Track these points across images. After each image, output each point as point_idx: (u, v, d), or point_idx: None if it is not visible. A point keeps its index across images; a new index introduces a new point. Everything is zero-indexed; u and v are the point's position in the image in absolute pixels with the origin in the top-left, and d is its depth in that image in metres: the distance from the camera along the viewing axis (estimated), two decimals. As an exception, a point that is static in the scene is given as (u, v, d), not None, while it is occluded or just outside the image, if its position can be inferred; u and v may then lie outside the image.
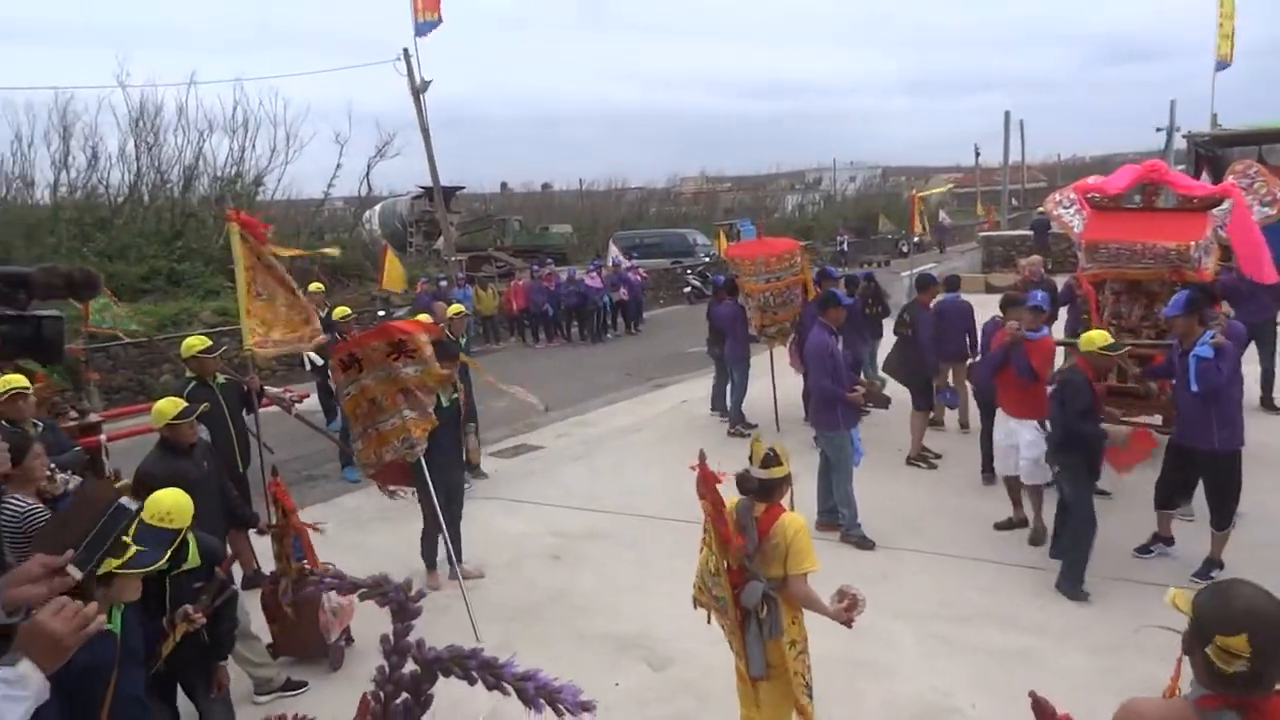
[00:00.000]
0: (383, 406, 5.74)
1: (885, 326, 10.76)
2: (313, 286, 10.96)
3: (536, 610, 6.08)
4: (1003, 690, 4.53)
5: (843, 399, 6.82)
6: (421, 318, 7.98)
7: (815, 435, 7.44)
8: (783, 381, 10.28)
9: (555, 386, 13.39)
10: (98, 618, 1.71)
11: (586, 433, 11.16)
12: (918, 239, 32.48)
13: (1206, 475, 5.91)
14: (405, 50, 21.67)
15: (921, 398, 8.87)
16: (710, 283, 17.85)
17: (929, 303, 9.15)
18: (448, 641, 1.38)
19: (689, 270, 28.38)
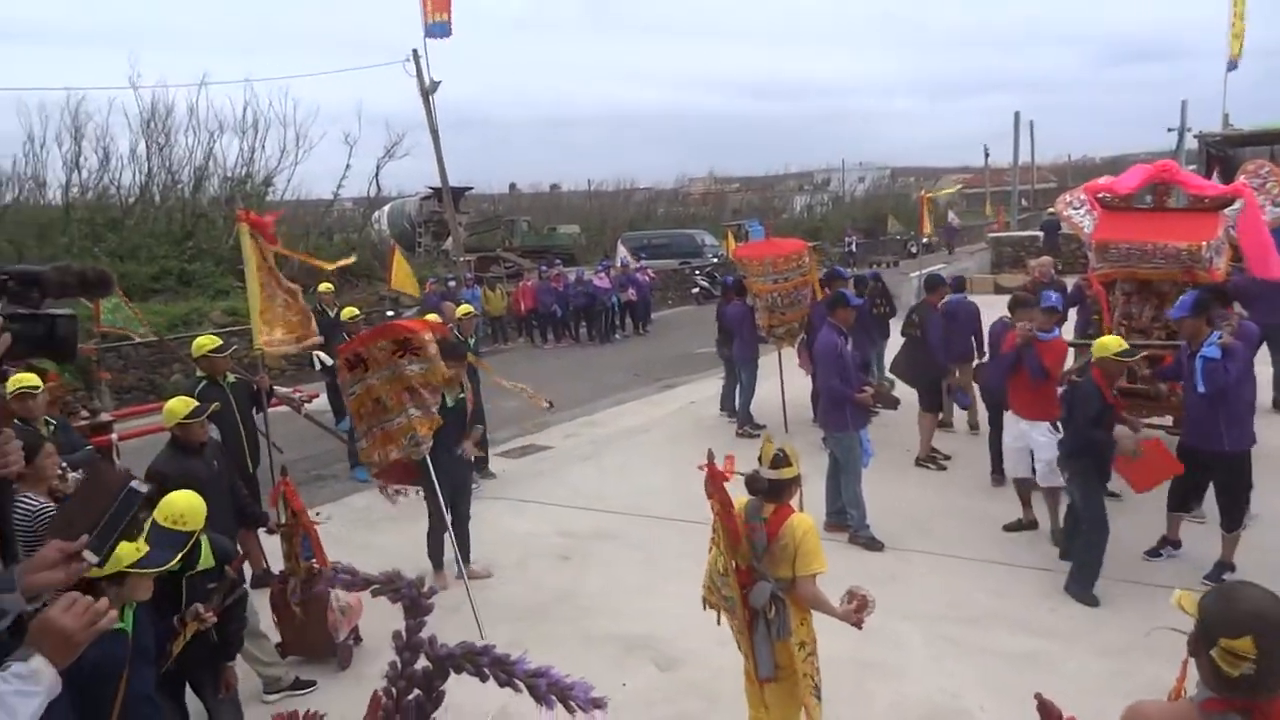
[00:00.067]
0: (388, 406, 5.74)
1: (892, 327, 10.74)
2: (322, 287, 10.98)
3: (544, 610, 6.09)
4: (1011, 692, 4.51)
5: (851, 400, 6.80)
6: (430, 318, 8.02)
7: (824, 436, 7.43)
8: (791, 382, 10.27)
9: (563, 387, 13.40)
10: (109, 614, 1.72)
11: (595, 433, 11.16)
12: (926, 240, 32.39)
13: (1216, 476, 5.88)
14: (415, 51, 21.81)
15: (929, 399, 8.83)
16: (719, 283, 17.87)
17: (937, 303, 9.12)
18: (455, 641, 1.38)
19: (697, 271, 28.38)
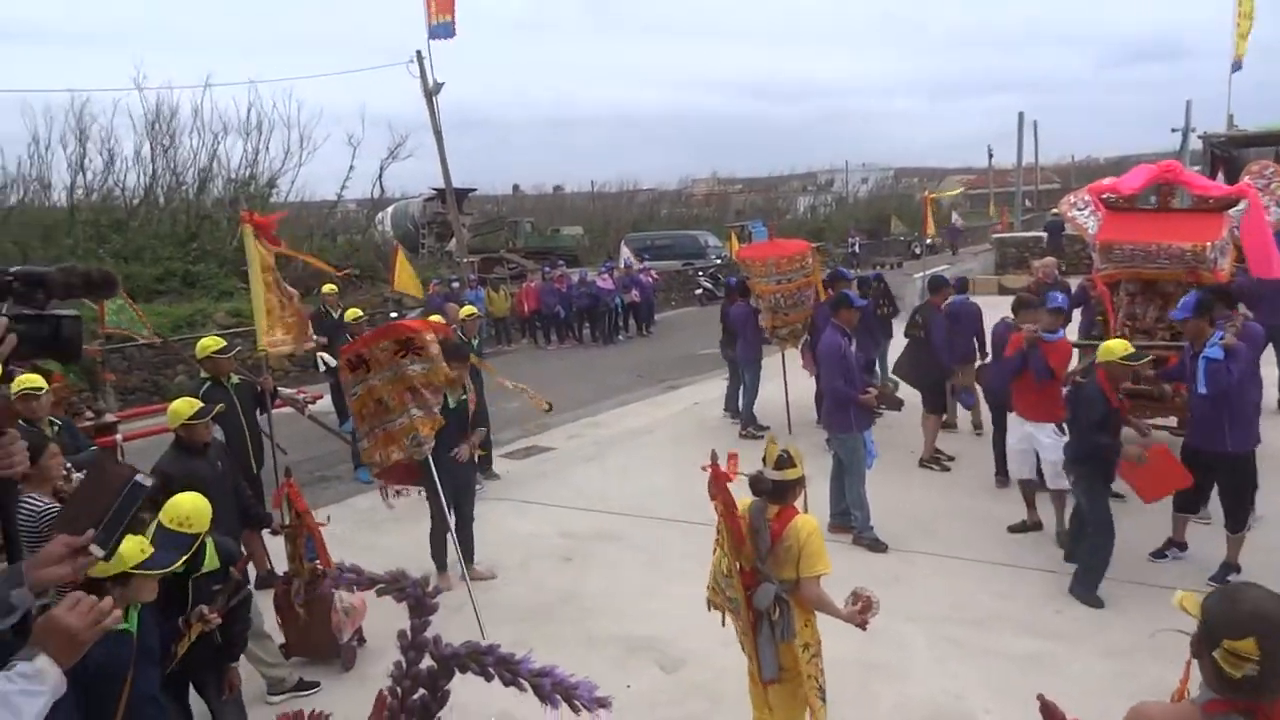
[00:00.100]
0: (390, 406, 5.74)
1: (895, 327, 10.73)
2: (326, 288, 11.02)
3: (547, 611, 6.09)
4: (1015, 694, 4.50)
5: (855, 401, 6.79)
6: (434, 319, 8.03)
7: (828, 437, 7.42)
8: (795, 383, 10.26)
9: (567, 388, 13.41)
10: (113, 613, 1.73)
11: (598, 434, 11.16)
12: (930, 241, 32.35)
13: (1220, 477, 5.86)
14: (418, 52, 21.84)
15: (933, 400, 8.82)
16: (722, 284, 17.86)
17: (941, 304, 9.11)
18: (458, 642, 1.37)
19: (700, 272, 28.38)
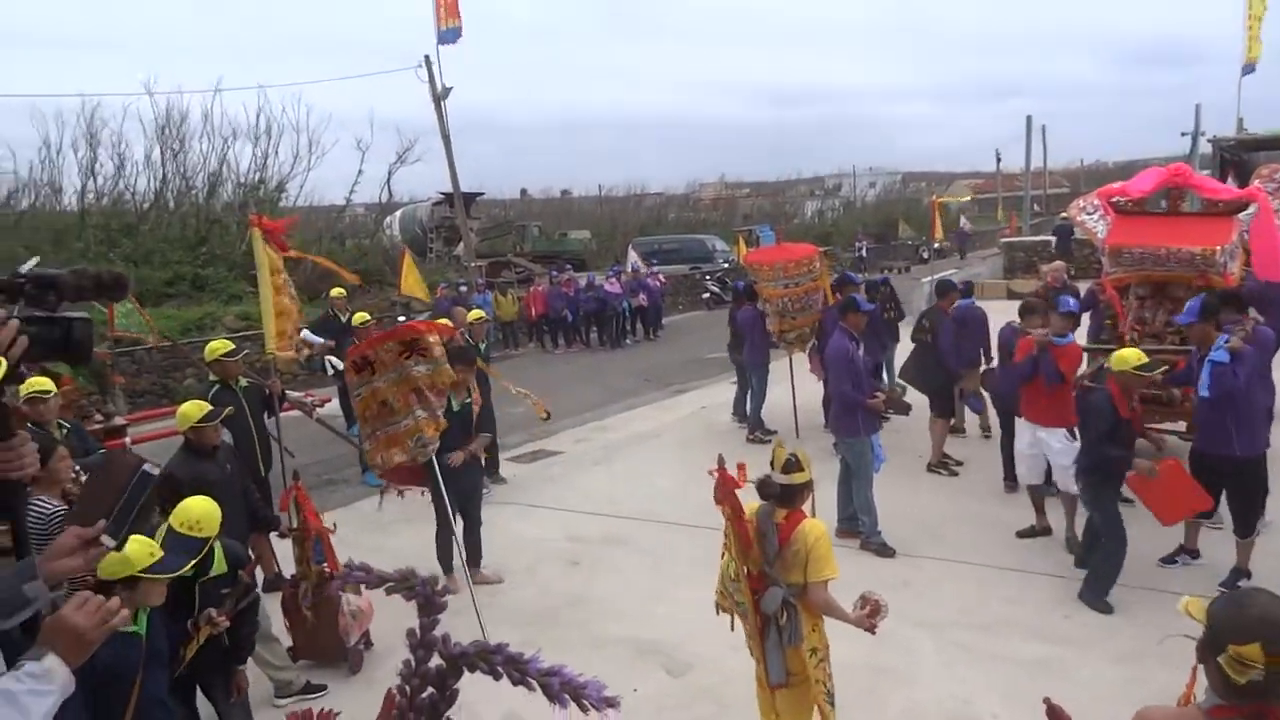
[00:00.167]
0: (394, 408, 5.73)
1: (902, 332, 10.70)
2: (334, 291, 11.05)
3: (554, 615, 6.08)
4: (1024, 699, 4.47)
5: (863, 405, 6.77)
6: (441, 323, 8.04)
7: (835, 442, 7.40)
8: (802, 387, 10.24)
9: (574, 392, 13.42)
10: (120, 613, 1.73)
11: (606, 438, 11.16)
12: (938, 245, 32.28)
13: (1228, 481, 5.81)
14: (427, 57, 21.89)
15: (941, 404, 8.79)
16: (730, 288, 17.86)
17: (949, 308, 9.08)
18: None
19: (708, 276, 28.37)
